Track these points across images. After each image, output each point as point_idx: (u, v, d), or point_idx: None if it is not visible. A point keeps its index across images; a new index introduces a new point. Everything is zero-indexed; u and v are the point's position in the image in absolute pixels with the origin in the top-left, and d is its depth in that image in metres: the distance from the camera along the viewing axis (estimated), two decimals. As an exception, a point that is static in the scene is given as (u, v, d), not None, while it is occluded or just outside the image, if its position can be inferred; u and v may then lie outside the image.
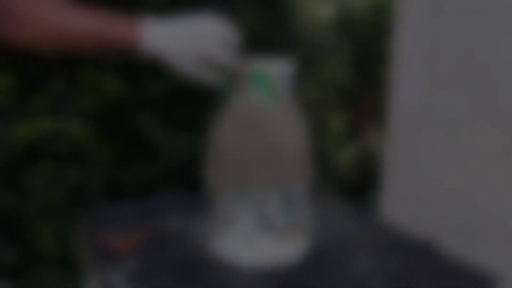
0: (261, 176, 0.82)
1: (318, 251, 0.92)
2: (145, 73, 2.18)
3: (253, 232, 0.85)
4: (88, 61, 2.24)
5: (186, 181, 2.24)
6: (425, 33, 1.42)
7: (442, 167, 1.39)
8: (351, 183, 3.89)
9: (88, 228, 1.03)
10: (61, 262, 1.90)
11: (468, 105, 1.28)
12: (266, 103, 0.83)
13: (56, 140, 1.88)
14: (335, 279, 0.81)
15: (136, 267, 0.83)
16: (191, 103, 2.25)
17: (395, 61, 1.54)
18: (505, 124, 1.19)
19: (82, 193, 1.97)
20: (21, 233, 1.92)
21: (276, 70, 0.83)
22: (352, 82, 4.34)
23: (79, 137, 1.80)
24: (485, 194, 1.26)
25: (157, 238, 0.97)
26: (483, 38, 1.24)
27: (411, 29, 1.47)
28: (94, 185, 2.02)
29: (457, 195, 1.34)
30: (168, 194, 1.91)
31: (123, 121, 2.14)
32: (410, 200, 1.52)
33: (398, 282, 0.81)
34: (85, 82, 1.99)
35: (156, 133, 1.91)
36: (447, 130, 1.36)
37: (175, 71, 0.77)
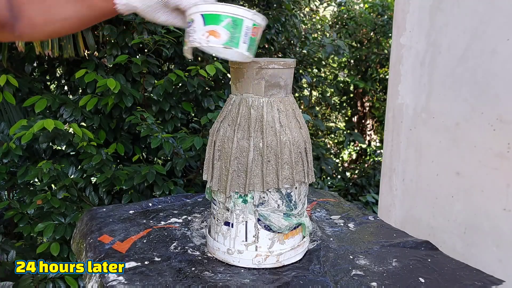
0: (261, 177, 0.82)
1: (318, 250, 0.93)
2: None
3: (253, 232, 0.85)
4: (88, 61, 2.25)
5: (186, 181, 2.24)
6: (425, 33, 1.42)
7: (442, 167, 1.39)
8: (351, 182, 3.89)
9: (88, 228, 1.03)
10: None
11: (467, 105, 1.28)
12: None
13: (56, 140, 1.88)
14: (335, 279, 0.81)
15: (136, 267, 0.83)
16: (190, 104, 2.25)
17: (395, 61, 1.54)
18: (503, 125, 1.19)
19: (82, 193, 1.97)
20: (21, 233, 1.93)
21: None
22: (352, 82, 4.34)
23: (79, 137, 1.80)
24: (484, 194, 1.26)
25: (157, 238, 0.97)
26: (481, 39, 1.24)
27: (411, 29, 1.47)
28: (94, 185, 2.02)
29: (456, 195, 1.34)
30: (167, 194, 1.90)
31: (123, 120, 2.15)
32: (410, 200, 1.52)
33: (398, 282, 0.81)
34: (85, 82, 2.00)
35: (155, 133, 1.91)
36: (446, 130, 1.36)
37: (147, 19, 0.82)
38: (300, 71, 3.08)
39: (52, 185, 2.02)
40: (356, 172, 4.32)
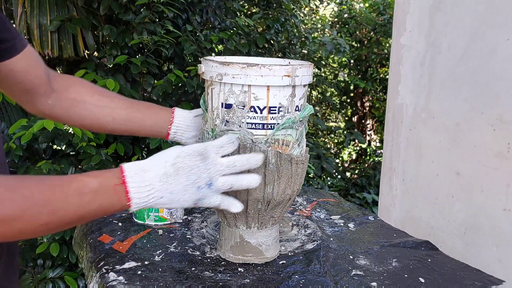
0: None
1: (318, 250, 0.93)
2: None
3: None
4: (88, 61, 2.25)
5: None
6: (425, 33, 1.42)
7: (442, 167, 1.39)
8: (351, 182, 3.89)
9: (88, 228, 1.03)
10: (61, 262, 1.90)
11: (467, 105, 1.28)
12: None
13: (56, 140, 1.88)
14: (335, 279, 0.81)
15: (136, 267, 0.83)
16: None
17: (395, 61, 1.54)
18: (503, 125, 1.19)
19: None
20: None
21: None
22: (352, 82, 4.34)
23: (79, 137, 1.80)
24: (484, 194, 1.26)
25: (157, 238, 0.97)
26: (482, 39, 1.24)
27: (411, 29, 1.47)
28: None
29: (456, 195, 1.34)
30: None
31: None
32: (410, 200, 1.52)
33: (398, 282, 0.81)
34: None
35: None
36: (446, 130, 1.36)
37: None
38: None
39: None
40: (356, 172, 4.32)
